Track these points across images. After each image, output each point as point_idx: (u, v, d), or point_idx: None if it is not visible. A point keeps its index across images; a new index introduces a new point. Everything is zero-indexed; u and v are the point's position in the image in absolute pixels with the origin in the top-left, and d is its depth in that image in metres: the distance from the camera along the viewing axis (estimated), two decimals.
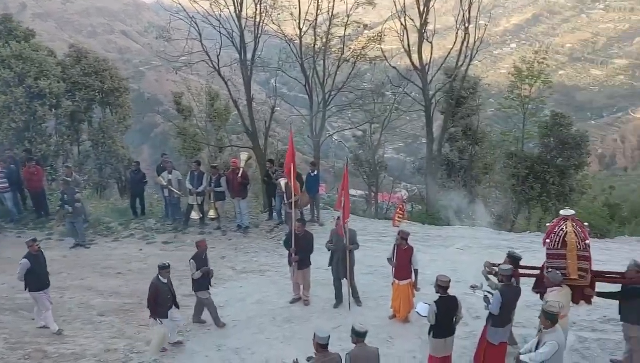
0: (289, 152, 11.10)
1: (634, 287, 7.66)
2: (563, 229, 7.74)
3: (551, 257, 7.86)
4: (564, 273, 7.73)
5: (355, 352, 6.47)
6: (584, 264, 7.74)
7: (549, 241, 7.86)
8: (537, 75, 19.35)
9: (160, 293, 8.74)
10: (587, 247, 7.72)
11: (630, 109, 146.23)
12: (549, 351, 6.35)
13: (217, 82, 19.11)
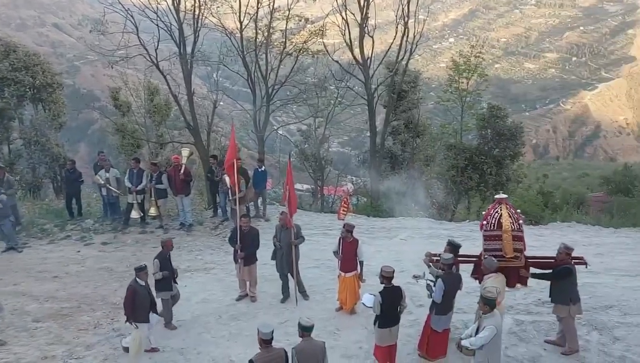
0: (230, 148, 10.91)
1: (564, 267, 8.08)
2: (498, 212, 8.15)
3: (488, 238, 8.20)
4: (500, 255, 8.06)
5: (301, 346, 6.49)
6: (519, 245, 8.13)
7: (485, 223, 8.23)
8: (473, 69, 19.93)
9: (139, 297, 8.38)
10: (520, 227, 8.10)
11: (561, 100, 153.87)
12: (488, 335, 6.58)
13: (156, 77, 18.58)
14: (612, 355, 8.14)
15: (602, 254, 12.00)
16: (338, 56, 20.58)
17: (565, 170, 57.06)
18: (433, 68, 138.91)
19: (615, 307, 9.46)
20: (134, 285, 8.43)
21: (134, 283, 8.45)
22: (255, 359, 6.22)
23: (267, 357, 6.24)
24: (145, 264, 8.68)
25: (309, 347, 6.49)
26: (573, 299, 8.11)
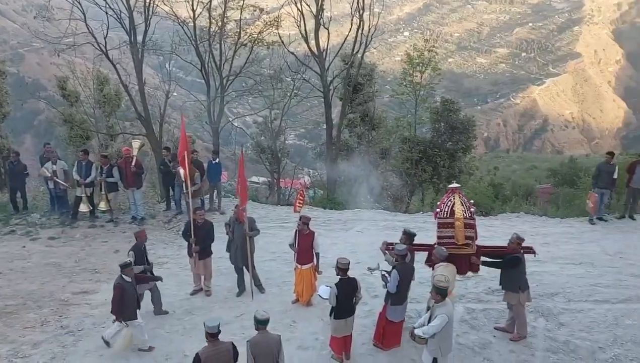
0: (181, 140, 10.68)
1: (514, 256, 8.35)
2: (451, 200, 8.39)
3: (441, 226, 8.41)
4: (452, 242, 8.26)
5: (255, 339, 6.47)
6: (470, 232, 8.36)
7: (439, 211, 8.45)
8: (427, 63, 20.24)
9: (127, 294, 8.19)
10: (472, 216, 8.33)
11: (511, 95, 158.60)
12: (440, 324, 6.72)
13: (106, 66, 17.98)
14: (557, 340, 8.47)
15: (549, 243, 12.45)
16: (294, 48, 20.44)
17: (515, 162, 58.88)
18: (388, 61, 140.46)
19: (560, 294, 9.84)
20: (121, 283, 8.19)
21: (121, 280, 8.21)
22: (202, 353, 6.17)
23: (214, 350, 6.20)
24: (130, 260, 8.53)
25: (264, 340, 6.46)
26: (522, 287, 8.39)
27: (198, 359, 6.17)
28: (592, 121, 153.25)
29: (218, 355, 6.22)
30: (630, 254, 11.63)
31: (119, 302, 8.14)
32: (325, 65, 18.73)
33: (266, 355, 6.40)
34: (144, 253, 9.34)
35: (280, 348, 6.54)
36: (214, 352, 6.21)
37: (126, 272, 8.26)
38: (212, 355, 6.19)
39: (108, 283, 10.79)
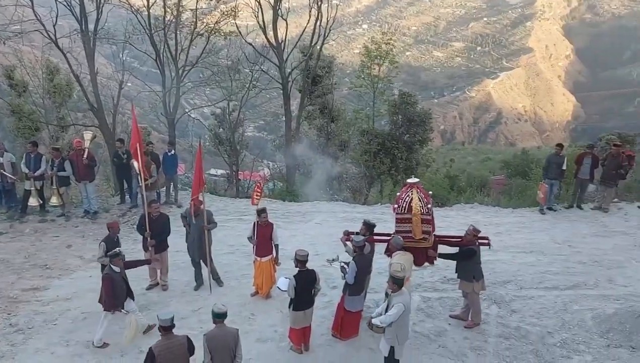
0: (133, 132, 10.38)
1: (468, 248, 8.56)
2: (409, 196, 8.48)
3: (399, 221, 8.54)
4: (410, 236, 8.40)
5: (212, 333, 6.42)
6: (427, 227, 8.51)
7: (397, 206, 8.54)
8: (385, 56, 20.40)
9: (116, 284, 8.12)
10: (429, 211, 8.47)
11: (466, 88, 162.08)
12: (397, 313, 6.83)
13: (56, 55, 17.32)
14: (509, 327, 8.76)
15: (501, 233, 12.83)
16: (252, 38, 20.26)
17: (470, 154, 60.31)
18: (347, 54, 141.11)
19: (512, 282, 10.17)
20: (110, 273, 8.11)
21: (109, 271, 8.14)
22: (155, 347, 6.10)
23: (167, 344, 6.13)
24: (119, 249, 8.44)
25: (220, 334, 6.42)
26: (477, 277, 8.63)
27: (151, 354, 6.09)
28: (544, 114, 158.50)
29: (172, 349, 6.14)
30: (577, 242, 12.12)
31: (110, 293, 8.06)
32: (283, 57, 18.64)
33: (223, 349, 6.35)
34: (117, 245, 9.12)
35: (237, 342, 6.49)
36: (167, 345, 6.13)
37: (115, 262, 8.19)
38: (165, 349, 6.10)
39: (60, 279, 10.54)
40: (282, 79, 18.77)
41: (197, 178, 9.84)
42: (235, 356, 6.45)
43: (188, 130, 26.68)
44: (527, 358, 8.00)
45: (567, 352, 8.09)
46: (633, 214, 13.85)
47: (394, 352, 7.03)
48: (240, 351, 6.53)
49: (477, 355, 8.10)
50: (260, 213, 9.54)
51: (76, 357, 8.10)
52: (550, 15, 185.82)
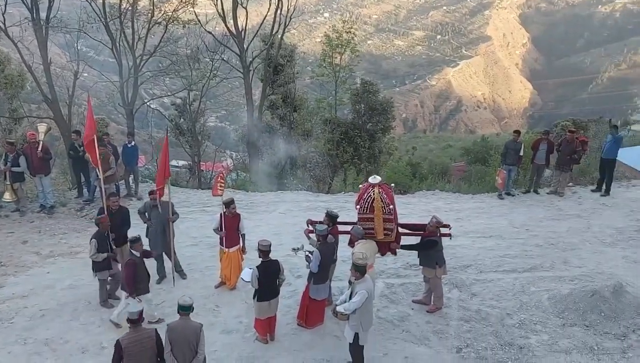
0: (87, 123, 10.07)
1: (429, 240, 8.75)
2: (371, 196, 8.52)
3: (362, 220, 8.61)
4: (372, 234, 8.54)
5: (174, 324, 6.41)
6: (389, 225, 8.63)
7: (359, 207, 8.60)
8: (346, 45, 20.45)
9: (139, 269, 8.15)
10: (391, 211, 8.59)
11: (427, 76, 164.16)
12: (360, 300, 6.91)
13: (6, 44, 16.62)
14: (470, 310, 8.98)
15: (462, 219, 13.11)
16: (211, 27, 19.92)
17: (432, 142, 61.23)
18: (309, 43, 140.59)
19: (472, 266, 10.42)
20: (133, 259, 8.14)
21: (131, 256, 8.18)
22: (122, 339, 6.05)
23: (135, 337, 6.08)
24: (139, 235, 8.43)
25: (182, 327, 6.38)
26: (439, 263, 8.82)
27: (119, 346, 6.03)
28: (502, 102, 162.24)
29: (140, 341, 6.09)
30: (534, 226, 12.50)
31: (132, 278, 8.05)
32: (244, 46, 18.44)
33: (183, 342, 6.30)
34: (107, 240, 8.95)
35: (199, 338, 6.42)
36: (136, 338, 6.08)
37: (135, 247, 8.19)
38: (133, 342, 6.05)
39: (15, 276, 10.23)
40: (243, 68, 18.59)
41: (163, 168, 9.67)
42: (197, 352, 6.38)
43: (148, 121, 26.15)
44: (487, 339, 8.23)
45: (525, 332, 8.36)
46: (586, 198, 14.36)
47: (358, 338, 7.12)
48: (203, 347, 6.45)
49: (440, 338, 8.28)
50: (229, 205, 9.45)
51: (35, 355, 7.89)
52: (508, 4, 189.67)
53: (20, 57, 15.11)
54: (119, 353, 6.03)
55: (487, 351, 7.97)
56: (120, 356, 6.04)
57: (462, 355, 7.90)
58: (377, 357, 7.84)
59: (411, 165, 22.22)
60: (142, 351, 6.10)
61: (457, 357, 7.88)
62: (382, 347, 8.06)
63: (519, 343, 8.11)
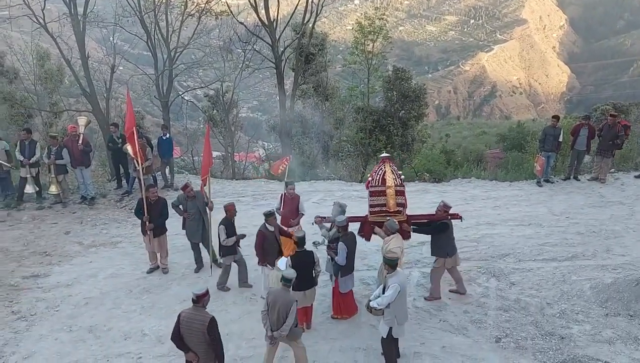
0: (128, 116, 10.31)
1: (442, 222, 8.66)
2: (382, 169, 8.59)
3: (373, 194, 8.58)
4: (385, 209, 8.47)
5: (275, 290, 6.92)
6: (401, 199, 8.60)
7: (371, 179, 8.61)
8: (378, 31, 20.17)
9: (267, 240, 8.66)
10: (402, 183, 8.61)
11: (460, 62, 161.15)
12: (393, 294, 6.82)
13: (45, 40, 17.06)
14: (508, 299, 8.84)
15: (499, 206, 12.88)
16: (243, 18, 19.98)
17: (466, 129, 60.05)
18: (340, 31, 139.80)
19: (511, 255, 10.23)
20: (263, 230, 8.69)
21: (263, 228, 8.71)
22: (183, 311, 6.39)
23: (190, 315, 6.31)
24: (274, 209, 9.04)
25: (280, 295, 6.81)
26: (450, 252, 8.73)
27: (179, 317, 6.37)
28: (538, 86, 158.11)
29: (192, 321, 6.27)
30: (575, 214, 12.18)
31: (260, 247, 8.68)
32: (276, 36, 18.43)
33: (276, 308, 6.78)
34: (233, 227, 9.24)
35: (289, 309, 6.77)
36: (190, 316, 6.29)
37: (269, 221, 8.69)
38: (187, 319, 6.29)
39: (60, 266, 10.56)
40: (275, 58, 18.59)
41: (206, 158, 9.84)
42: (284, 322, 6.78)
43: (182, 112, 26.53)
44: (526, 329, 8.09)
45: (567, 322, 8.18)
46: (629, 184, 13.90)
47: (392, 332, 7.05)
48: (291, 320, 6.81)
49: (478, 328, 8.18)
50: (288, 185, 9.87)
51: (80, 341, 8.16)
52: None
53: (59, 52, 15.46)
54: (178, 323, 6.33)
55: (527, 341, 7.84)
56: (178, 325, 6.33)
57: (501, 345, 7.79)
58: (414, 346, 7.80)
59: (445, 153, 21.81)
60: (189, 330, 6.29)
61: (495, 346, 7.78)
62: (419, 337, 8.02)
63: (560, 333, 7.94)
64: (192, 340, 6.30)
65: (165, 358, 7.67)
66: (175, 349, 7.71)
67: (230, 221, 9.24)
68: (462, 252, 10.34)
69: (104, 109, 16.31)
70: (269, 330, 6.90)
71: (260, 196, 14.49)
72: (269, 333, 6.92)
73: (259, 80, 30.99)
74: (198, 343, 6.30)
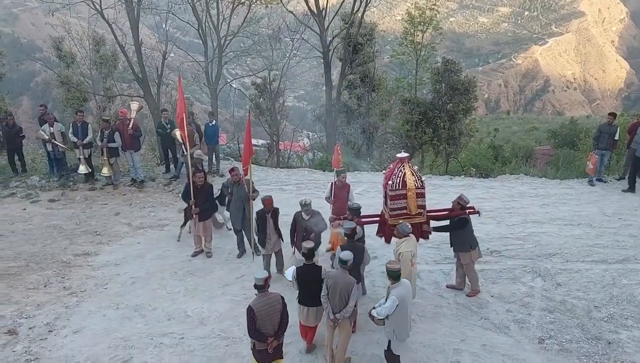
0: (179, 101, 10.54)
1: (461, 218, 8.47)
2: (402, 171, 8.27)
3: (393, 198, 8.26)
4: (405, 212, 8.27)
5: (333, 273, 6.91)
6: (422, 201, 8.37)
7: (390, 183, 8.25)
8: (429, 22, 19.82)
9: (298, 226, 8.96)
10: (423, 184, 8.34)
11: (512, 55, 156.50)
12: (390, 306, 6.55)
13: (101, 26, 17.61)
14: (554, 300, 8.58)
15: (548, 205, 12.49)
16: (293, 7, 20.05)
17: (515, 124, 58.49)
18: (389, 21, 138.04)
19: (558, 255, 9.92)
20: (296, 215, 9.07)
21: (297, 214, 9.07)
22: (253, 304, 6.31)
23: (265, 300, 6.35)
24: (310, 200, 9.13)
25: (339, 277, 6.84)
26: (473, 245, 8.55)
27: (252, 310, 6.27)
28: (594, 82, 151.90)
29: (271, 304, 6.36)
30: (628, 215, 11.67)
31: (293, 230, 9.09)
32: (324, 25, 18.39)
33: (337, 290, 6.82)
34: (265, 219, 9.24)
35: (351, 290, 6.82)
36: (266, 302, 6.35)
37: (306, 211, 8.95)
38: (264, 305, 6.33)
39: (109, 245, 10.95)
40: (323, 48, 18.58)
41: (247, 147, 9.95)
42: (347, 303, 6.84)
43: (229, 100, 26.89)
44: (572, 332, 7.84)
45: (615, 327, 7.88)
46: None
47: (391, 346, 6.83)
48: (353, 301, 6.88)
49: (520, 328, 7.99)
50: (339, 174, 9.84)
51: (126, 319, 8.45)
52: None
53: (114, 38, 15.93)
54: (253, 317, 6.28)
55: (571, 344, 7.60)
56: (254, 319, 6.28)
57: (544, 347, 7.58)
58: (454, 342, 7.69)
59: (493, 148, 21.30)
60: (273, 313, 6.37)
61: (538, 347, 7.58)
62: (460, 333, 7.90)
63: (608, 337, 7.66)
64: (268, 325, 6.36)
65: (206, 340, 7.84)
66: (216, 331, 7.98)
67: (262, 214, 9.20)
68: (507, 250, 10.14)
69: (155, 94, 16.72)
70: (331, 313, 6.89)
71: (303, 185, 14.56)
72: (331, 316, 6.91)
73: (305, 70, 31.09)
74: (273, 326, 6.40)
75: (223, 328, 8.05)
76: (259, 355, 6.46)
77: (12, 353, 7.60)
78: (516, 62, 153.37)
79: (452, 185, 14.15)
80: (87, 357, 7.52)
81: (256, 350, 6.45)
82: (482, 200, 12.64)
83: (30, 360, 7.47)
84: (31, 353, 7.62)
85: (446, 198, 12.91)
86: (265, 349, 6.40)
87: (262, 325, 6.31)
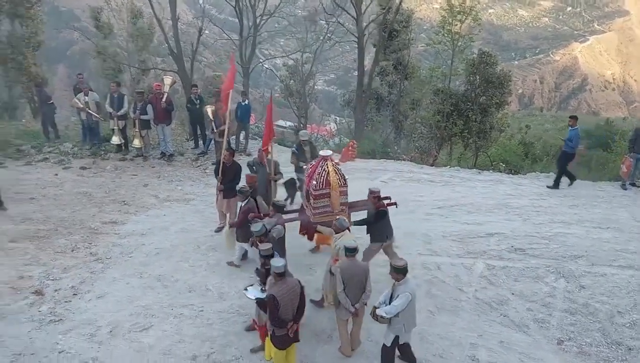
0: (228, 78, 10.50)
1: (380, 211, 8.40)
2: (325, 169, 8.24)
3: (317, 197, 8.30)
4: (329, 211, 8.32)
5: (344, 265, 6.89)
6: (344, 199, 8.46)
7: (315, 183, 8.23)
8: (468, 12, 19.41)
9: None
10: (345, 182, 8.37)
11: (551, 51, 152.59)
12: (403, 303, 6.46)
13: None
14: (576, 302, 8.46)
15: (576, 206, 12.23)
16: None
17: (548, 121, 57.14)
18: (426, 9, 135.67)
19: (584, 257, 9.73)
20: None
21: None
22: (275, 292, 6.26)
23: (285, 287, 6.37)
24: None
25: (352, 266, 6.88)
26: (389, 236, 8.53)
27: (274, 298, 6.22)
28: (634, 83, 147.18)
29: (290, 291, 6.39)
30: None
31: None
32: (361, 9, 18.20)
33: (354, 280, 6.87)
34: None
35: (367, 274, 6.94)
36: (285, 289, 6.36)
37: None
38: (285, 292, 6.35)
39: (136, 215, 11.16)
40: (358, 32, 18.40)
41: (268, 130, 9.95)
42: (365, 288, 6.92)
43: (260, 80, 26.93)
44: (592, 335, 7.74)
45: (637, 334, 7.75)
46: None
47: (397, 340, 6.71)
48: (370, 284, 6.96)
49: (540, 327, 7.92)
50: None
51: (148, 288, 8.64)
52: None
53: (152, 10, 16.06)
54: (277, 305, 6.23)
55: (591, 347, 7.51)
56: (278, 307, 6.25)
57: (563, 348, 7.51)
58: (471, 336, 7.67)
59: (524, 145, 20.85)
60: (293, 297, 6.42)
61: (557, 348, 7.51)
62: (478, 328, 7.87)
63: (629, 344, 7.55)
64: (290, 310, 6.39)
65: (225, 314, 7.97)
66: (235, 307, 8.10)
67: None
68: (531, 249, 9.97)
69: (189, 70, 16.84)
70: (350, 306, 6.88)
71: None
72: (352, 309, 6.89)
73: (338, 54, 30.90)
74: (293, 310, 6.43)
75: (242, 305, 8.16)
76: (278, 340, 6.43)
77: (38, 312, 7.86)
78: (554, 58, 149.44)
79: (480, 180, 13.97)
80: (109, 322, 7.73)
81: (275, 337, 6.42)
82: (510, 197, 12.47)
83: (54, 321, 7.72)
84: (56, 314, 7.86)
85: (473, 192, 12.80)
86: (286, 333, 6.41)
87: (284, 311, 6.31)
